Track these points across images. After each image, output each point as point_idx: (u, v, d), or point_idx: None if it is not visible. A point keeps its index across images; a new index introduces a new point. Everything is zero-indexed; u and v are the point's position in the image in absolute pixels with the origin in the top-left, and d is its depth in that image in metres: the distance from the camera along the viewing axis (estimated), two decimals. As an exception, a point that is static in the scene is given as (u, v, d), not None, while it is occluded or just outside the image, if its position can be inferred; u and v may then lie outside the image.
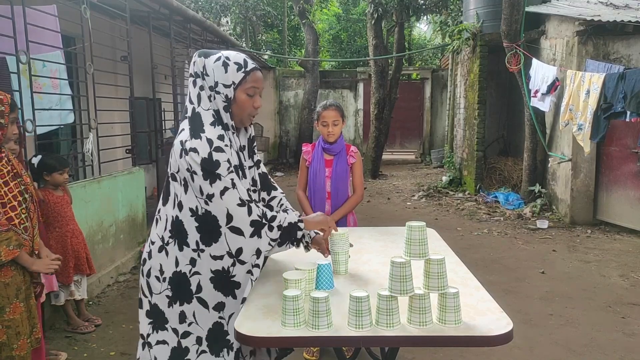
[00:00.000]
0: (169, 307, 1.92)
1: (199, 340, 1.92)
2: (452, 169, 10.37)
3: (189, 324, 1.91)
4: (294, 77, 14.87)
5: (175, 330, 1.92)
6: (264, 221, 1.86)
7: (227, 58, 1.87)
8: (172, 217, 1.89)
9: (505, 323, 1.65)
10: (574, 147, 6.67)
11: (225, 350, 1.91)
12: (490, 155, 9.40)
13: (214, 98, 1.87)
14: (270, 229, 1.87)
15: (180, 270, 1.89)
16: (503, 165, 9.06)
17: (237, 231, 1.83)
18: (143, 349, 1.97)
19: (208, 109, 1.87)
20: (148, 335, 1.96)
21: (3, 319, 2.39)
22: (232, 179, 1.82)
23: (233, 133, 1.90)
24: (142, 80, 6.22)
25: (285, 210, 2.15)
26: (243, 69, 1.87)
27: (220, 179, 1.80)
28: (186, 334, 1.92)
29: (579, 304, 4.10)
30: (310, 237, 2.06)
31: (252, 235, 1.84)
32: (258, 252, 1.88)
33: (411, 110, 15.02)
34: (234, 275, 1.89)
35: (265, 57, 15.56)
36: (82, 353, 3.31)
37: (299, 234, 1.96)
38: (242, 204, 1.82)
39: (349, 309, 1.63)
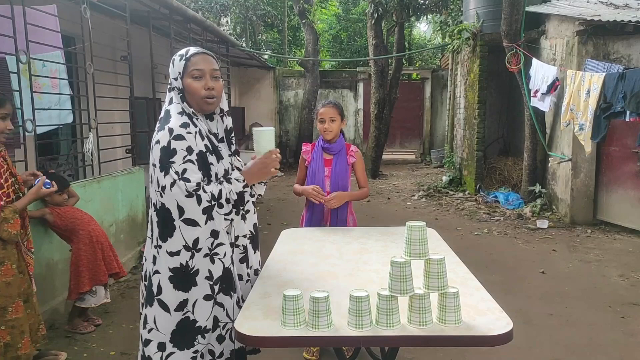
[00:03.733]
0: (145, 307, 1.92)
1: (161, 347, 1.86)
2: (452, 169, 10.37)
3: (149, 331, 1.87)
4: (294, 77, 14.86)
5: (140, 336, 1.90)
6: (212, 202, 1.84)
7: (175, 54, 1.96)
8: (150, 214, 1.93)
9: (505, 323, 1.65)
10: (574, 147, 6.67)
11: (198, 336, 1.87)
12: (490, 155, 9.40)
13: (175, 94, 1.95)
14: (220, 206, 1.85)
15: (146, 270, 1.89)
16: (503, 165, 9.06)
17: (192, 222, 1.81)
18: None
19: (177, 103, 1.94)
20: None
21: (6, 319, 2.38)
22: (184, 169, 1.81)
23: (197, 119, 1.93)
24: (142, 80, 6.21)
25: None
26: (184, 57, 1.93)
27: (170, 171, 1.79)
28: (147, 342, 1.87)
29: (579, 304, 4.10)
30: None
31: (206, 222, 1.83)
32: (214, 234, 1.86)
33: (411, 110, 15.02)
34: (194, 267, 1.85)
35: (265, 57, 15.55)
36: (82, 353, 3.31)
37: (247, 197, 1.95)
38: (189, 194, 1.79)
39: (349, 308, 1.63)
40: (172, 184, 1.78)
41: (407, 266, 1.66)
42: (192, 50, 1.95)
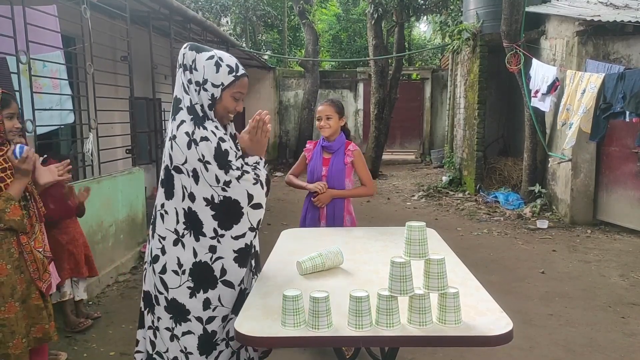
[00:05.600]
0: (190, 297, 1.95)
1: (224, 319, 1.99)
2: (452, 169, 10.37)
3: (214, 309, 1.97)
4: (294, 77, 14.86)
5: (199, 319, 1.96)
6: (266, 188, 2.02)
7: (220, 59, 1.93)
8: (184, 209, 1.92)
9: (505, 323, 1.65)
10: (574, 147, 6.67)
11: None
12: (490, 155, 9.40)
13: (199, 93, 1.93)
14: (262, 186, 2.03)
15: (200, 260, 1.94)
16: (503, 165, 9.06)
17: (258, 206, 1.97)
18: (172, 341, 1.99)
19: (196, 103, 1.94)
20: (173, 328, 1.99)
21: None
22: (241, 164, 1.95)
23: (217, 128, 1.98)
24: (142, 80, 6.21)
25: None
26: (234, 73, 1.94)
27: (232, 167, 1.91)
28: (211, 319, 1.97)
29: (579, 304, 4.10)
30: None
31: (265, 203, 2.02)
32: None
33: (411, 110, 15.02)
34: (253, 246, 2.03)
35: (265, 57, 15.55)
36: (82, 353, 3.31)
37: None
38: (256, 182, 1.95)
39: (349, 309, 1.63)
40: (239, 177, 1.92)
41: (407, 266, 1.66)
42: (242, 69, 1.99)
